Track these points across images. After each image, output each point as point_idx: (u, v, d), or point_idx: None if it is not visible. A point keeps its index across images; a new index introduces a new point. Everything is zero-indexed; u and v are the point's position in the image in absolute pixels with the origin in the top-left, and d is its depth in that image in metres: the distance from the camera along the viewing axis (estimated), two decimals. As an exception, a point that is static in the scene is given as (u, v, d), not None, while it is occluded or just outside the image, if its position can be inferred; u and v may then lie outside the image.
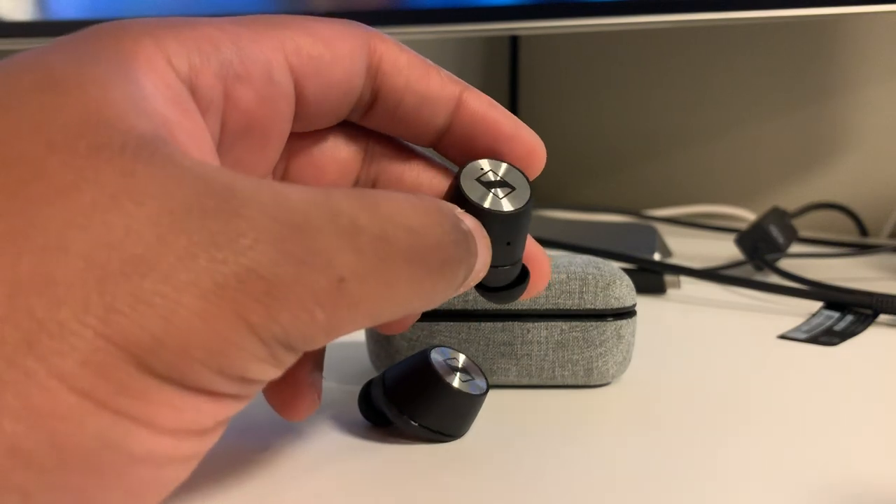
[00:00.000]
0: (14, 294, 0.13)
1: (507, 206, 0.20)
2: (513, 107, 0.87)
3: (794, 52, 0.72)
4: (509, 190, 0.21)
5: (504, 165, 0.21)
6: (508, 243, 0.21)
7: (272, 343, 0.15)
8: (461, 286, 0.19)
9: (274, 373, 0.16)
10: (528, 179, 0.21)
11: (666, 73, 0.79)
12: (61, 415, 0.13)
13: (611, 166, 0.84)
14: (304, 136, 0.22)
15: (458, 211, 0.19)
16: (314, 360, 0.22)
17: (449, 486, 0.21)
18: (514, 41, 0.88)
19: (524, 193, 0.21)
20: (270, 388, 0.22)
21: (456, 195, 0.20)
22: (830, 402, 0.28)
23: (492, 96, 0.22)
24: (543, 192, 0.87)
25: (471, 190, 0.20)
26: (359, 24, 0.21)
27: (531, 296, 0.23)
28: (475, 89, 0.22)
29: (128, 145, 0.14)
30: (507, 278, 0.22)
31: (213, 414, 0.15)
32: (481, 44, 0.88)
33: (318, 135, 0.22)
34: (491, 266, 0.20)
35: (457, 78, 0.22)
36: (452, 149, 0.22)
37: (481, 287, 0.22)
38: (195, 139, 0.17)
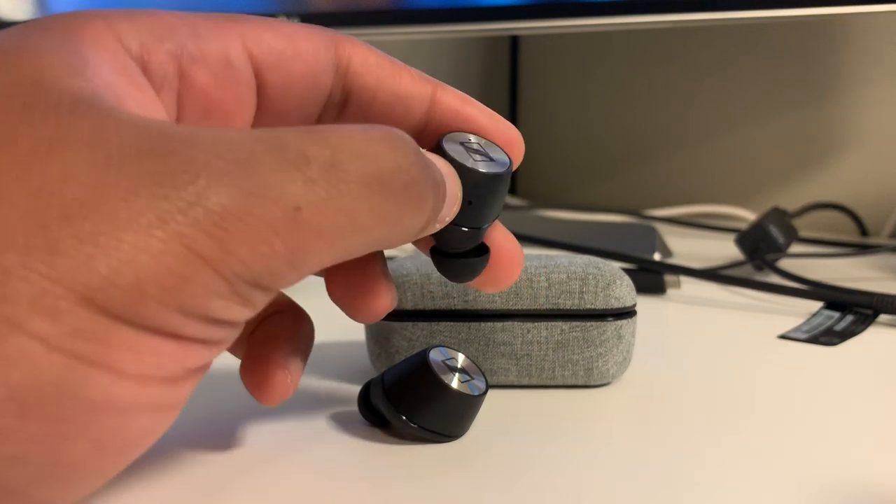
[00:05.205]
0: None
1: (478, 167, 0.20)
2: (513, 107, 0.87)
3: (794, 52, 0.72)
4: (487, 159, 0.21)
5: (491, 144, 0.22)
6: (470, 203, 0.20)
7: (234, 279, 0.14)
8: (432, 215, 0.18)
9: (243, 312, 0.15)
10: (510, 160, 0.22)
11: (666, 73, 0.79)
12: (13, 359, 0.13)
13: (611, 166, 0.84)
14: None
15: (422, 149, 0.19)
16: (292, 345, 0.22)
17: (448, 487, 0.21)
18: (514, 41, 0.88)
19: (499, 167, 0.21)
20: (244, 367, 0.22)
21: (433, 146, 0.21)
22: (830, 402, 0.28)
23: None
24: (543, 191, 0.87)
25: (450, 148, 0.20)
26: (325, 28, 0.21)
27: (503, 286, 0.23)
28: (448, 86, 0.22)
29: (63, 102, 0.15)
30: (463, 243, 0.21)
31: (179, 359, 0.15)
32: (481, 44, 0.88)
33: None
34: (450, 223, 0.20)
35: (429, 77, 0.22)
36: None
37: (438, 252, 0.22)
38: (146, 108, 0.17)
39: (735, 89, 0.75)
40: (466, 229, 0.21)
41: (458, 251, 0.22)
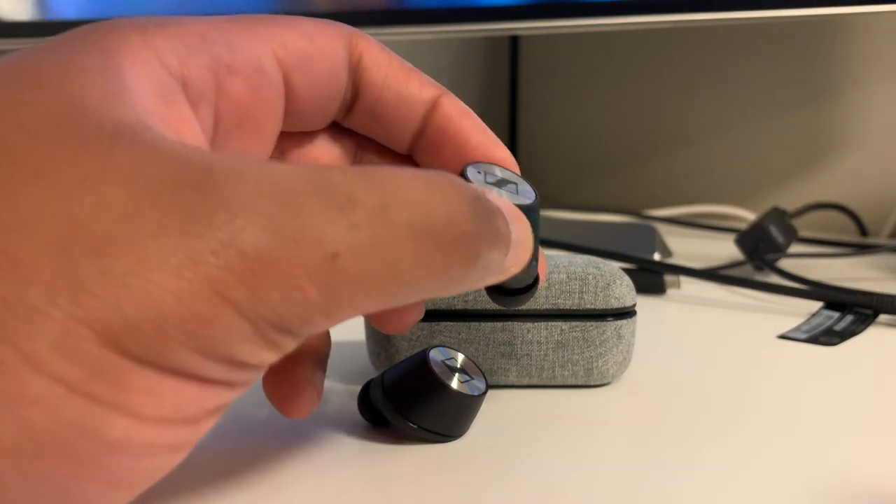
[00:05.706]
0: None
1: (522, 200, 0.20)
2: (513, 107, 0.87)
3: (793, 52, 0.72)
4: (514, 186, 0.20)
5: (495, 167, 0.21)
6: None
7: (261, 323, 0.14)
8: (490, 269, 0.17)
9: (269, 356, 0.15)
10: (520, 174, 0.21)
11: (666, 73, 0.79)
12: (31, 400, 0.12)
13: (611, 166, 0.84)
14: (295, 141, 0.22)
15: (487, 191, 0.18)
16: (316, 357, 0.22)
17: (448, 487, 0.21)
18: (514, 41, 0.88)
19: (527, 187, 0.21)
20: (269, 383, 0.21)
21: None
22: (830, 402, 0.28)
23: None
24: (543, 192, 0.87)
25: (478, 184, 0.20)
26: (339, 23, 0.21)
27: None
28: (454, 97, 0.22)
29: (104, 131, 0.14)
30: (523, 281, 0.21)
31: (198, 401, 0.14)
32: (481, 44, 0.88)
33: (309, 139, 0.22)
34: None
35: (437, 83, 0.22)
36: (424, 154, 0.22)
37: (496, 291, 0.21)
38: (180, 130, 0.17)
39: (735, 89, 0.75)
40: (534, 263, 0.20)
41: (517, 287, 0.21)
